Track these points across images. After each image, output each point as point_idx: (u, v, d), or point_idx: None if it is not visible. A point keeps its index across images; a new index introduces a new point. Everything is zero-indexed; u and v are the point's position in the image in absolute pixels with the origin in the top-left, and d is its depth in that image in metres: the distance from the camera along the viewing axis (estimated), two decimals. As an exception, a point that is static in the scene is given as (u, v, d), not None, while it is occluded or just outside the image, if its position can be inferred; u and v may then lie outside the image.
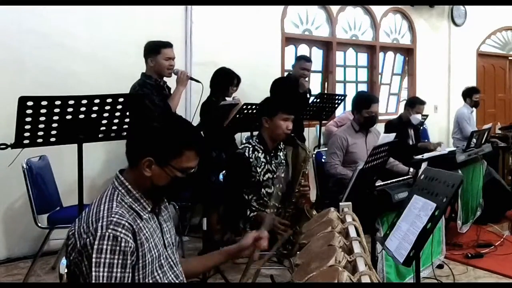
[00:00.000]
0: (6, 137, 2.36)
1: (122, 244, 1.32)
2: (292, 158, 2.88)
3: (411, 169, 3.81)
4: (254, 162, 2.72)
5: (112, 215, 1.36)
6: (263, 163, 2.75)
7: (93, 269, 1.29)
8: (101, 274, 1.29)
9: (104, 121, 2.50)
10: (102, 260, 1.30)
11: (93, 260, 1.29)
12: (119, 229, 1.33)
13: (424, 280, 3.04)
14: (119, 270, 1.31)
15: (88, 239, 1.32)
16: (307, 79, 4.67)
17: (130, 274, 1.34)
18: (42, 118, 2.29)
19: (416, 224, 1.88)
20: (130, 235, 1.35)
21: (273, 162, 2.80)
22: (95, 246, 1.30)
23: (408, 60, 6.94)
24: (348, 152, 3.71)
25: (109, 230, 1.32)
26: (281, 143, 2.90)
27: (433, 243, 3.06)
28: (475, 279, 3.33)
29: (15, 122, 2.26)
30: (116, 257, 1.31)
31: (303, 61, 4.60)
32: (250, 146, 2.76)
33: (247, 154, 2.71)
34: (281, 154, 2.88)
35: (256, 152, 2.74)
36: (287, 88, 4.35)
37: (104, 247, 1.30)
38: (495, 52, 8.03)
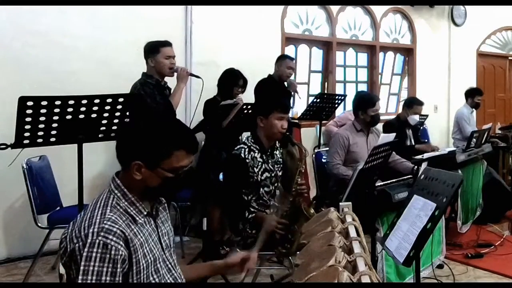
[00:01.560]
0: (6, 137, 2.36)
1: (112, 252, 1.29)
2: (285, 156, 2.88)
3: (416, 167, 3.77)
4: (251, 163, 2.70)
5: (104, 222, 1.33)
6: (260, 163, 2.74)
7: (80, 276, 1.26)
8: (88, 282, 1.26)
9: (104, 121, 2.50)
10: (91, 268, 1.26)
11: (81, 267, 1.26)
12: (110, 237, 1.30)
13: (424, 280, 3.04)
14: (108, 278, 1.28)
15: (77, 245, 1.29)
16: (292, 77, 4.55)
17: (120, 283, 1.31)
18: (42, 118, 2.29)
19: (416, 224, 1.88)
20: (121, 242, 1.31)
21: (269, 161, 2.80)
22: (84, 254, 1.27)
23: (408, 60, 6.94)
24: (350, 151, 3.71)
25: (99, 238, 1.29)
26: (277, 141, 2.90)
27: (433, 243, 3.06)
28: (475, 279, 3.33)
29: (15, 122, 2.26)
30: (106, 265, 1.28)
31: (288, 60, 4.47)
32: (246, 146, 2.74)
33: (243, 155, 2.70)
34: (277, 153, 2.88)
35: (252, 153, 2.73)
36: (280, 88, 4.33)
37: (94, 254, 1.27)
38: (495, 52, 8.03)
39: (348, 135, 3.73)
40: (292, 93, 4.60)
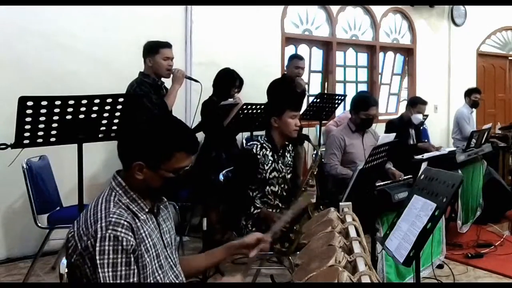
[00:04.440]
0: (6, 137, 2.36)
1: (124, 243, 1.33)
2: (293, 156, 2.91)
3: (392, 168, 3.73)
4: (261, 159, 2.76)
5: (110, 215, 1.36)
6: (270, 161, 2.79)
7: (99, 270, 1.30)
8: (106, 274, 1.30)
9: (104, 121, 2.51)
10: (106, 260, 1.30)
11: (97, 262, 1.30)
12: (119, 229, 1.34)
13: (424, 280, 3.04)
14: (123, 268, 1.32)
15: (89, 241, 1.32)
16: (302, 77, 4.59)
17: (136, 270, 1.35)
18: (42, 118, 2.29)
19: (416, 224, 1.88)
20: (130, 233, 1.35)
21: (280, 161, 2.83)
22: (97, 248, 1.31)
23: (408, 60, 6.94)
24: (346, 152, 3.71)
25: (109, 231, 1.32)
26: (290, 145, 2.92)
27: (433, 243, 3.06)
28: (475, 279, 3.33)
29: (15, 122, 2.26)
30: (119, 256, 1.32)
31: (296, 60, 4.51)
32: (259, 143, 2.80)
33: (255, 150, 2.75)
34: (288, 155, 2.91)
35: (264, 150, 2.78)
36: (290, 87, 4.35)
37: (106, 248, 1.31)
38: (495, 52, 8.04)
39: (343, 136, 3.73)
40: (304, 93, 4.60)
